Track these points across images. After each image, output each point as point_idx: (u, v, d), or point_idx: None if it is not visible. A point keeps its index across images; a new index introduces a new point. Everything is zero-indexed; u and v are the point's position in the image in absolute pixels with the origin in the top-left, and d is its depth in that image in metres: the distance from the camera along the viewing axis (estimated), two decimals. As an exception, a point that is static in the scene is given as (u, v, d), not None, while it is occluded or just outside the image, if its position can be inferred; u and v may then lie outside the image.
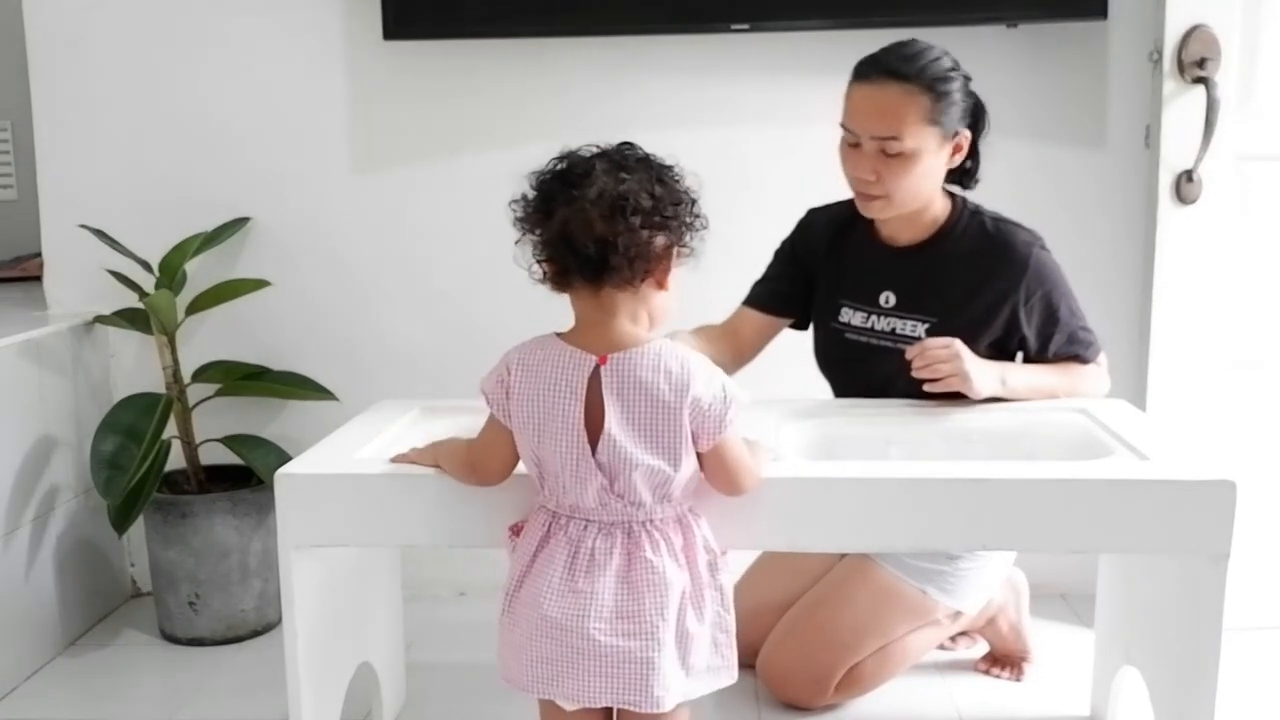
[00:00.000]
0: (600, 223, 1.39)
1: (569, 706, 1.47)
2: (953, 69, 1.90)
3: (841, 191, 2.14)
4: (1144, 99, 2.39)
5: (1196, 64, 2.24)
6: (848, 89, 1.93)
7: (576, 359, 1.43)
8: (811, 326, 2.14)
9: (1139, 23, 2.37)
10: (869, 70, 1.90)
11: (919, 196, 1.95)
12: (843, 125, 1.93)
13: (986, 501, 1.57)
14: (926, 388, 1.86)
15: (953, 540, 1.72)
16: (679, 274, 1.47)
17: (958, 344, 1.86)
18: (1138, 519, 1.55)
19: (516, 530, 1.54)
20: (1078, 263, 2.06)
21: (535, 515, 1.50)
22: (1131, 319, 2.43)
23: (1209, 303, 2.32)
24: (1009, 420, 1.90)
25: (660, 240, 1.42)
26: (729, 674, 1.51)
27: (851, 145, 1.93)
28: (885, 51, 1.91)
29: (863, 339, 2.03)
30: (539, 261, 1.45)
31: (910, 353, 1.87)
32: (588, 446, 1.41)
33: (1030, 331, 1.98)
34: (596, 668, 1.42)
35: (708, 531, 1.50)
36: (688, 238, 1.46)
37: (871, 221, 2.03)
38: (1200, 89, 2.24)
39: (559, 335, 1.47)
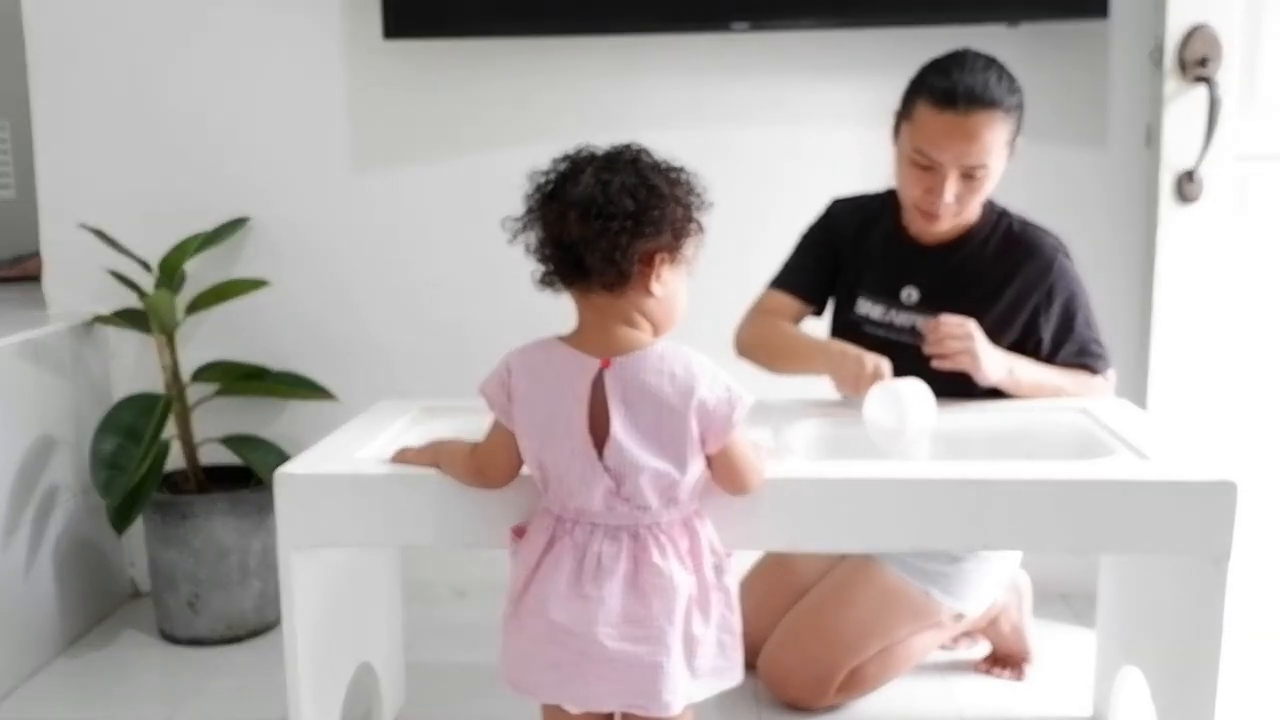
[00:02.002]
0: (576, 225, 1.38)
1: (575, 710, 1.47)
2: (1014, 79, 1.89)
3: (842, 190, 2.15)
4: (1145, 98, 2.38)
5: (1198, 63, 2.23)
6: (918, 112, 1.87)
7: (580, 362, 1.42)
8: (829, 315, 2.14)
9: (1140, 22, 2.37)
10: (953, 98, 1.83)
11: (980, 206, 1.97)
12: (918, 150, 1.88)
13: (986, 501, 1.57)
14: (936, 364, 1.86)
15: (953, 540, 1.71)
16: (677, 280, 1.45)
17: (972, 324, 1.86)
18: (1138, 519, 1.55)
19: (519, 532, 1.53)
20: (1079, 262, 2.06)
21: (540, 519, 1.49)
22: (1132, 319, 2.43)
23: (1209, 302, 2.32)
24: (1009, 420, 1.90)
25: (639, 245, 1.39)
26: (734, 675, 1.50)
27: (923, 168, 1.89)
28: (961, 74, 1.84)
29: (880, 333, 2.03)
30: (537, 262, 1.45)
31: (926, 326, 1.87)
32: (593, 450, 1.41)
33: (1046, 335, 1.98)
34: (605, 673, 1.41)
35: (713, 533, 1.50)
36: (680, 244, 1.43)
37: (899, 216, 2.03)
38: (1201, 88, 2.24)
39: (561, 338, 1.46)
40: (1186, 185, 2.28)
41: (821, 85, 2.47)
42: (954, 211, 1.92)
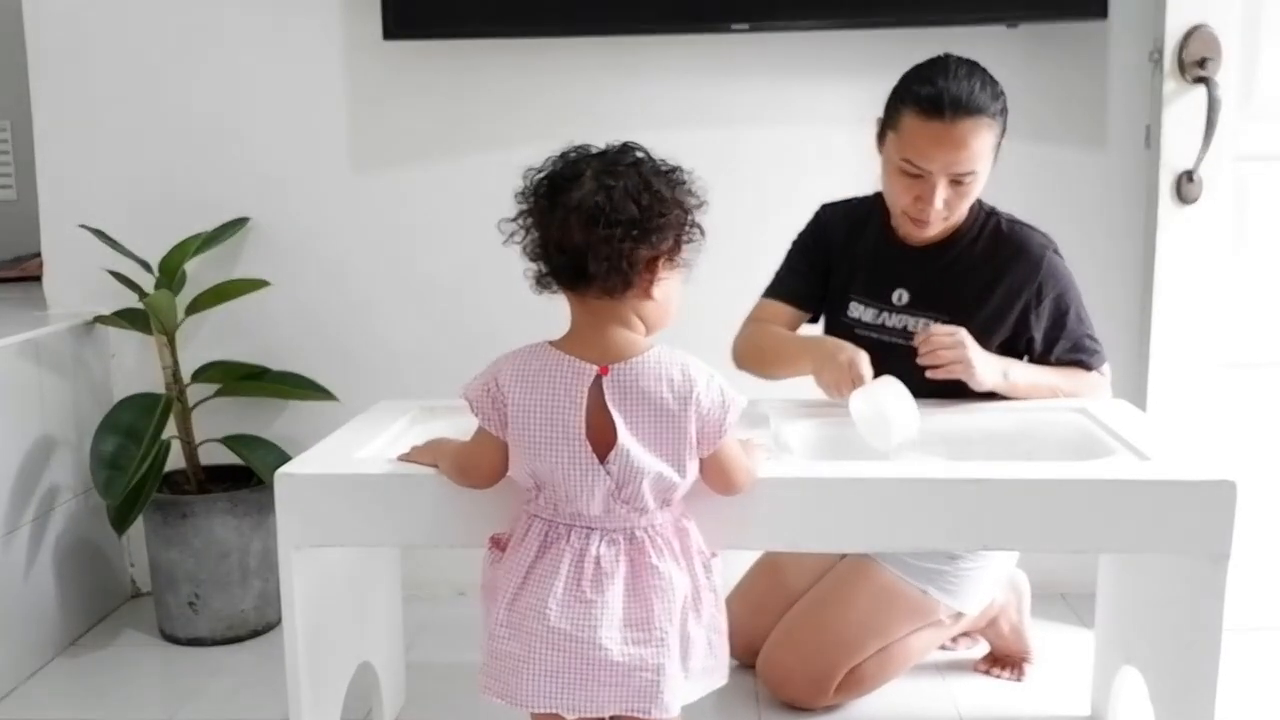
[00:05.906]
0: (578, 231, 1.37)
1: (570, 717, 1.45)
2: (996, 83, 1.89)
3: (842, 191, 2.15)
4: (1144, 99, 2.39)
5: (1197, 64, 2.24)
6: (904, 121, 1.87)
7: (576, 368, 1.41)
8: (823, 320, 2.14)
9: (1139, 22, 2.37)
10: (940, 107, 1.83)
11: (968, 210, 1.97)
12: (906, 159, 1.88)
13: (986, 501, 1.57)
14: (930, 374, 1.86)
15: (953, 540, 1.72)
16: (675, 282, 1.45)
17: (963, 333, 1.87)
18: (1138, 519, 1.55)
19: (497, 543, 1.52)
20: (1078, 263, 2.06)
21: (529, 525, 1.47)
22: (1131, 319, 2.43)
23: (1209, 302, 2.32)
24: (1009, 420, 1.91)
25: (643, 251, 1.39)
26: (722, 674, 1.51)
27: (912, 175, 1.89)
28: (945, 82, 1.84)
29: (873, 335, 2.03)
30: (531, 261, 1.44)
31: (916, 339, 1.88)
32: (593, 456, 1.40)
33: (1038, 333, 1.98)
34: (607, 678, 1.41)
35: (698, 534, 1.50)
36: (680, 248, 1.43)
37: (887, 219, 2.03)
38: (1201, 89, 2.24)
39: (552, 344, 1.45)
40: (1186, 186, 2.28)
41: (821, 86, 2.47)
42: (943, 216, 1.92)
